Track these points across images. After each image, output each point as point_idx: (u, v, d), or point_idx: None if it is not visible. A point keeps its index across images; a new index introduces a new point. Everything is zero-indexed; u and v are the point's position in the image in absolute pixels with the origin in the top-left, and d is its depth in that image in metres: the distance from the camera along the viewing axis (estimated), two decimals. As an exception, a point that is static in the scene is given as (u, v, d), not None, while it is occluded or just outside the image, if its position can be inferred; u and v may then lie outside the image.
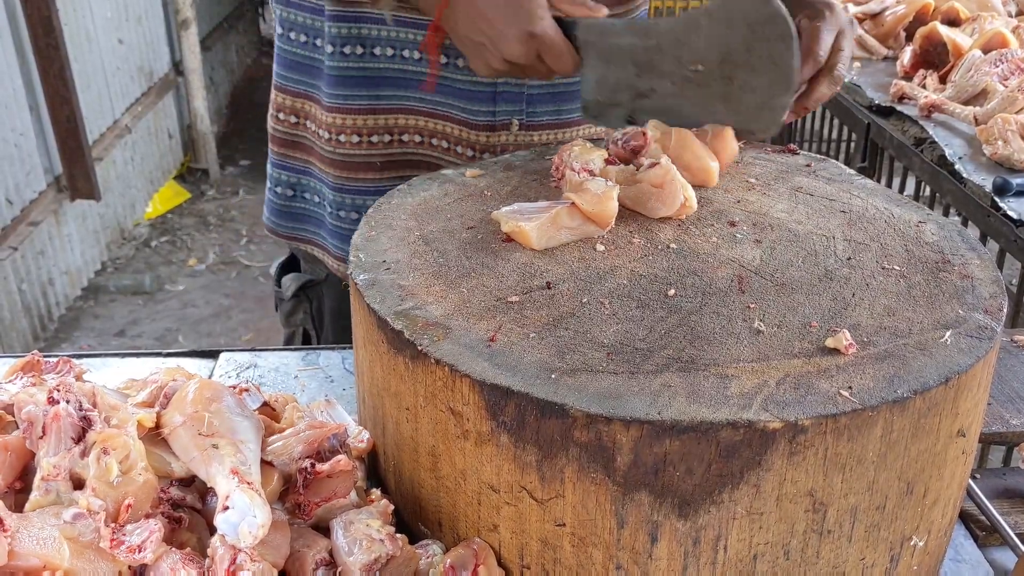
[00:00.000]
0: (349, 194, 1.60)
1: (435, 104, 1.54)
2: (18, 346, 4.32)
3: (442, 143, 1.56)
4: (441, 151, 1.56)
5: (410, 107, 1.54)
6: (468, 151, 1.55)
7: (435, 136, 1.56)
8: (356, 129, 1.56)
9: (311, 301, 1.75)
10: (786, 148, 1.41)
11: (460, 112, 1.53)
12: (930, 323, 0.97)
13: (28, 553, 0.85)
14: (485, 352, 0.92)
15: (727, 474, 0.84)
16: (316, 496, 0.99)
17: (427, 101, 1.53)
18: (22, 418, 0.95)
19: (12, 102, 4.32)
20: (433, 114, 1.54)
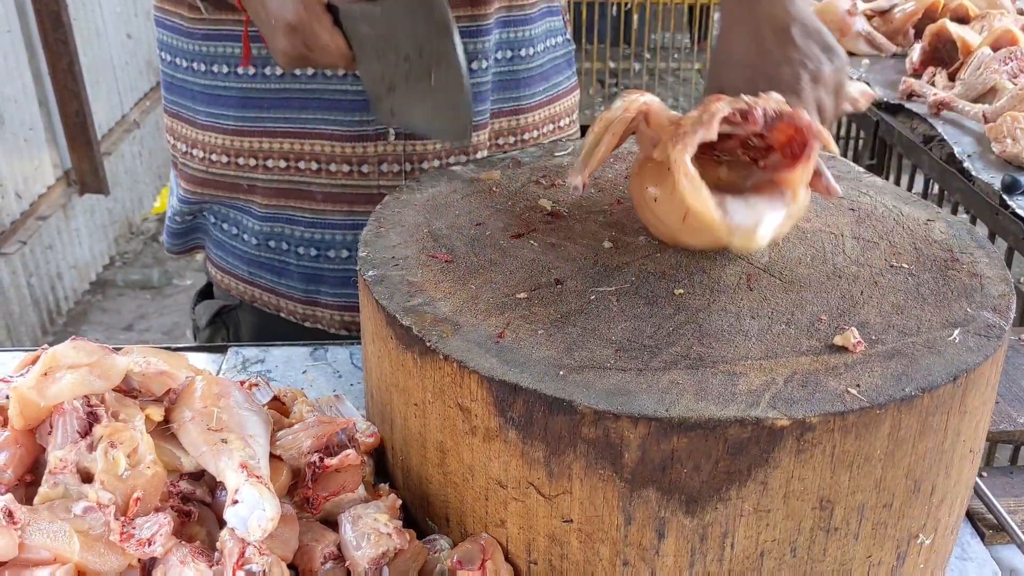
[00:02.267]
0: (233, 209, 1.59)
1: (301, 122, 1.46)
2: (27, 340, 4.34)
3: (311, 164, 1.48)
4: (311, 174, 1.49)
5: (272, 129, 1.47)
6: (343, 167, 1.47)
7: (302, 159, 1.48)
8: (225, 149, 1.51)
9: (228, 328, 1.70)
10: None
11: (327, 124, 1.46)
12: (938, 321, 0.97)
13: (38, 546, 0.85)
14: (493, 348, 0.92)
15: (734, 471, 0.84)
16: (324, 490, 1.00)
17: (291, 120, 1.46)
18: (33, 412, 0.96)
19: (21, 96, 4.34)
20: (298, 133, 1.47)
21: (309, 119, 1.46)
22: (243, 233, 1.59)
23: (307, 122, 1.46)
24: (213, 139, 1.52)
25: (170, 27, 1.53)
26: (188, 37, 1.49)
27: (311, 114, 1.46)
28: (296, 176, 1.50)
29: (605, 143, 1.11)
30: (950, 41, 2.96)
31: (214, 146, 1.52)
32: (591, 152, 1.12)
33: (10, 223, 4.28)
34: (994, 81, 2.69)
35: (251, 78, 1.46)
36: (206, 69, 1.48)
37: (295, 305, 1.59)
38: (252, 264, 1.59)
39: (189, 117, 1.55)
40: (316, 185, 1.50)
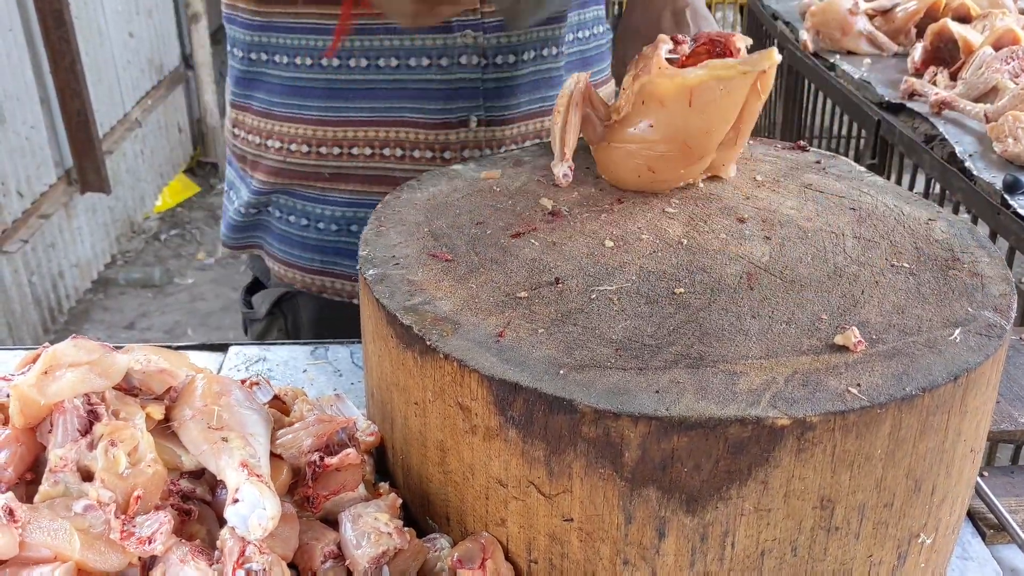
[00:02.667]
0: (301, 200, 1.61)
1: (385, 111, 1.51)
2: (28, 338, 4.35)
3: (395, 151, 1.53)
4: (395, 161, 1.54)
5: (357, 119, 1.53)
6: (427, 153, 1.53)
7: (387, 146, 1.53)
8: (306, 139, 1.55)
9: (286, 316, 1.73)
10: (795, 145, 1.41)
11: (413, 113, 1.51)
12: (939, 321, 0.97)
13: (39, 544, 0.85)
14: (494, 347, 0.92)
15: (735, 470, 0.84)
16: (325, 489, 1.00)
17: (377, 109, 1.51)
18: (33, 410, 0.96)
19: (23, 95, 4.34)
20: (383, 122, 1.52)
21: (394, 108, 1.51)
22: (317, 222, 1.62)
23: (392, 111, 1.51)
24: (293, 129, 1.56)
25: (241, 23, 1.56)
26: (265, 31, 1.53)
27: (396, 103, 1.51)
28: (380, 163, 1.55)
29: (572, 121, 1.21)
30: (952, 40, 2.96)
31: (294, 136, 1.56)
32: (562, 135, 1.22)
33: (12, 221, 4.29)
34: (996, 80, 2.69)
35: (336, 69, 1.50)
36: (287, 61, 1.52)
37: None
38: (328, 252, 1.63)
39: (263, 109, 1.59)
40: (399, 171, 1.55)
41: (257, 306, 1.75)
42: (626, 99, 1.19)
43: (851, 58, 3.37)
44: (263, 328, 1.75)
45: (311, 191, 1.60)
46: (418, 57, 1.48)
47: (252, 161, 1.64)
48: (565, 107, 1.21)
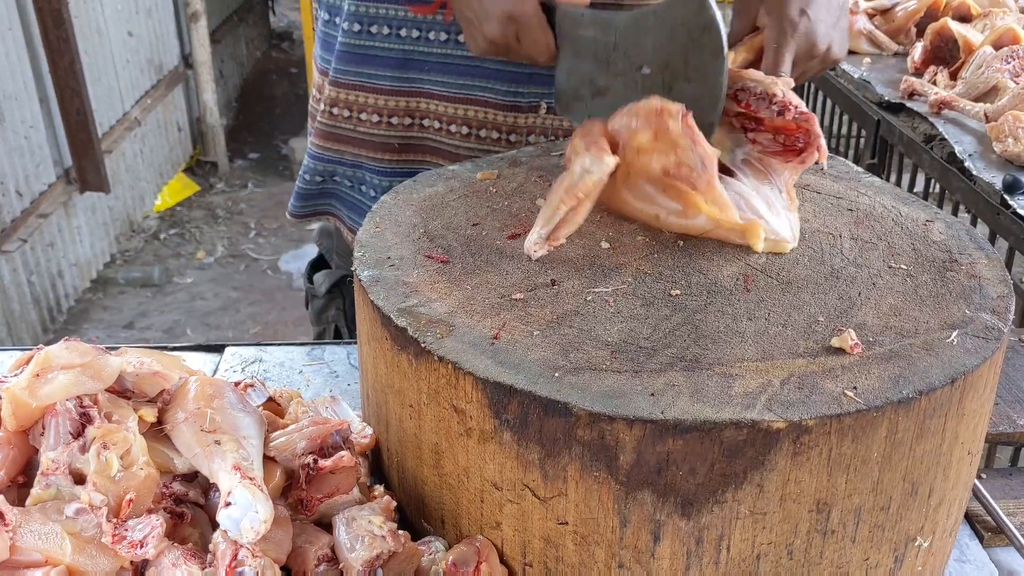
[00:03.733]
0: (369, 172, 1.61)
1: (459, 87, 1.52)
2: (27, 338, 4.34)
3: (461, 129, 1.54)
4: (460, 138, 1.54)
5: (430, 91, 1.53)
6: (493, 133, 1.53)
7: (454, 122, 1.54)
8: (377, 109, 1.55)
9: (344, 297, 1.75)
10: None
11: (485, 92, 1.51)
12: (936, 323, 0.97)
13: (30, 548, 0.85)
14: (489, 350, 0.91)
15: (730, 474, 0.84)
16: (319, 492, 0.99)
17: (450, 84, 1.52)
18: (26, 412, 0.95)
19: (22, 94, 4.34)
20: (455, 98, 1.52)
21: (468, 85, 1.51)
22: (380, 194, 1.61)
23: (466, 88, 1.52)
24: (363, 98, 1.56)
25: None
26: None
27: (471, 80, 1.51)
28: (446, 138, 1.55)
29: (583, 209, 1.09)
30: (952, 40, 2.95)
31: (363, 105, 1.56)
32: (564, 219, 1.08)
33: (11, 221, 4.29)
34: (996, 80, 2.68)
35: (414, 40, 1.50)
36: (361, 29, 1.52)
37: None
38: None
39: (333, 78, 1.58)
40: (464, 149, 1.55)
41: (318, 284, 1.76)
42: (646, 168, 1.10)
43: (851, 57, 3.36)
44: (322, 305, 1.76)
45: (380, 163, 1.60)
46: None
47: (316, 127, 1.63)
48: (587, 194, 1.08)
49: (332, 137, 1.62)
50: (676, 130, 1.06)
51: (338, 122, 1.60)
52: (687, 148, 1.06)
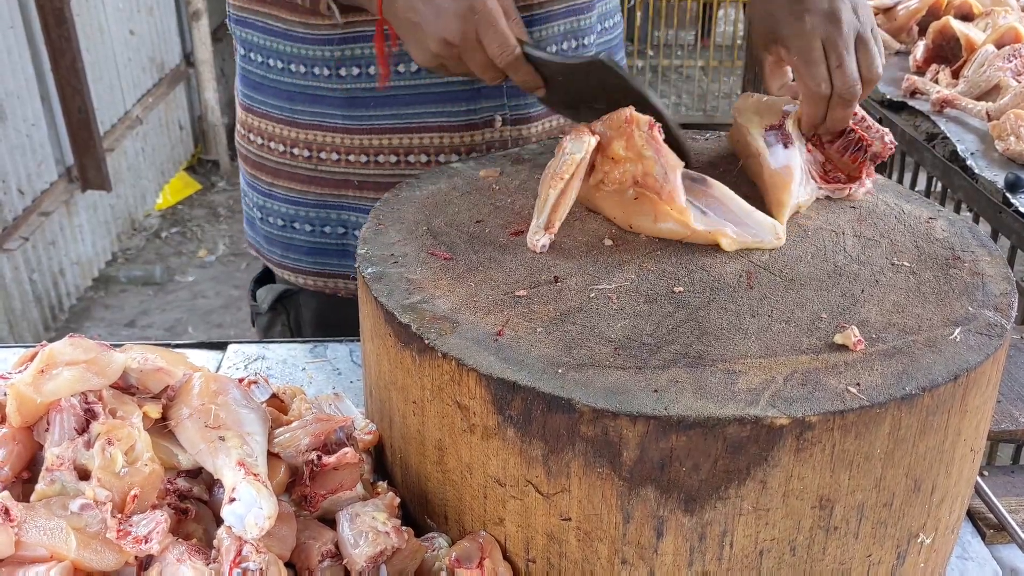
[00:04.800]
0: (327, 209, 1.58)
1: (408, 117, 1.48)
2: (29, 336, 4.35)
3: (420, 158, 1.50)
4: (420, 167, 1.50)
5: (382, 126, 1.49)
6: (452, 156, 1.50)
7: (411, 152, 1.50)
8: (335, 147, 1.52)
9: (288, 312, 1.71)
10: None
11: (436, 117, 1.48)
12: (939, 320, 0.97)
13: (35, 543, 0.85)
14: (492, 346, 0.91)
15: (733, 470, 0.84)
16: (322, 488, 0.99)
17: (400, 116, 1.48)
18: (30, 408, 0.96)
19: (24, 93, 4.34)
20: (407, 129, 1.49)
21: (418, 113, 1.48)
22: (353, 229, 1.58)
23: (415, 116, 1.49)
24: (320, 137, 1.53)
25: (261, 27, 1.52)
26: (284, 38, 1.49)
27: (420, 108, 1.48)
28: (407, 169, 1.52)
29: (572, 189, 1.11)
30: (954, 38, 2.94)
31: (322, 144, 1.53)
32: (556, 203, 1.10)
33: (12, 219, 4.29)
34: (998, 79, 2.68)
35: (355, 78, 1.47)
36: (306, 71, 1.49)
37: None
38: (347, 257, 1.60)
39: (286, 117, 1.55)
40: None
41: (261, 300, 1.74)
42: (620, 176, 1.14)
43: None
44: (267, 322, 1.73)
45: (343, 200, 1.56)
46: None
47: (273, 169, 1.60)
48: (571, 173, 1.10)
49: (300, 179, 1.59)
50: (640, 140, 1.11)
51: (297, 161, 1.57)
52: (651, 159, 1.10)
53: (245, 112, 1.61)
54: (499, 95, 1.49)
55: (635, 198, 1.12)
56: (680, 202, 1.09)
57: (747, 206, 1.12)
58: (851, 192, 1.21)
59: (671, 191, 1.09)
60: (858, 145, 1.19)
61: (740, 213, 1.11)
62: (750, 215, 1.11)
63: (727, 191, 1.13)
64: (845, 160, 1.21)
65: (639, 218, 1.12)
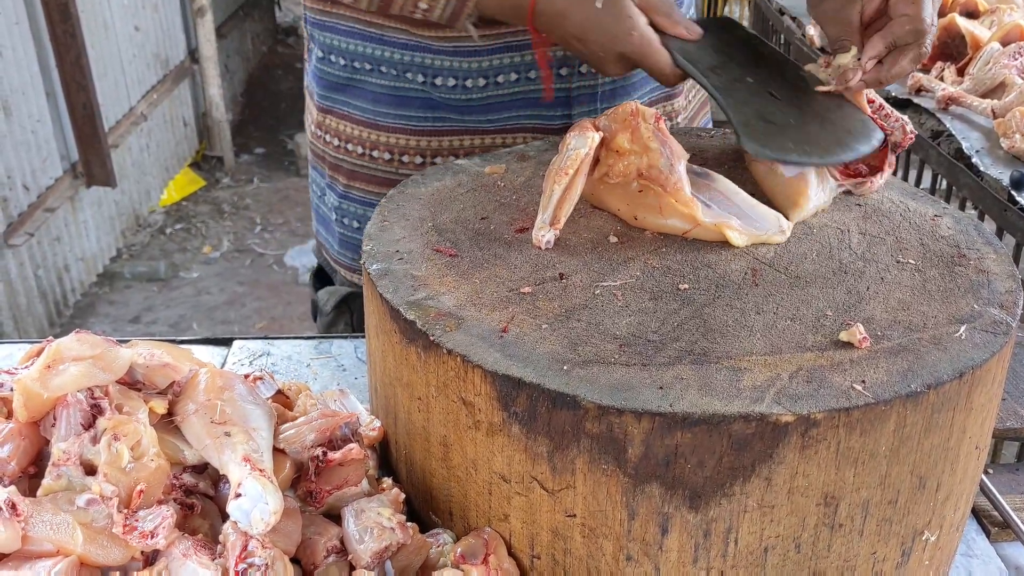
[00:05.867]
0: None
1: (505, 120, 1.50)
2: (34, 331, 4.36)
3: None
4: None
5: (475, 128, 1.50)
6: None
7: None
8: (419, 151, 1.53)
9: (352, 312, 1.72)
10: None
11: (532, 120, 1.50)
12: (945, 318, 0.97)
13: (41, 538, 0.85)
14: (497, 343, 0.92)
15: (738, 467, 0.84)
16: (328, 484, 1.00)
17: (495, 120, 1.49)
18: (37, 404, 0.96)
19: (29, 89, 4.34)
20: (503, 130, 1.50)
21: (514, 116, 1.50)
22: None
23: (511, 119, 1.50)
24: (404, 140, 1.53)
25: (345, 31, 1.51)
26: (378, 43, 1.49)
27: (516, 112, 1.49)
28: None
29: (576, 185, 1.11)
30: (959, 36, 2.94)
31: (404, 148, 1.53)
32: (561, 198, 1.11)
33: (17, 215, 4.30)
34: (1003, 76, 2.67)
35: (450, 89, 1.47)
36: (397, 75, 1.49)
37: None
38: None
39: (367, 119, 1.55)
40: None
41: (323, 301, 1.74)
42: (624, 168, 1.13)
43: (858, 53, 3.35)
44: (329, 321, 1.74)
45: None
46: (538, 70, 1.46)
47: (349, 171, 1.60)
48: (576, 169, 1.11)
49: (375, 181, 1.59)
50: (647, 132, 1.10)
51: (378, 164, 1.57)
52: (657, 150, 1.10)
53: (323, 114, 1.61)
54: (592, 100, 1.50)
55: (639, 191, 1.12)
56: (686, 193, 1.09)
57: (751, 199, 1.12)
58: (871, 184, 1.20)
59: (676, 182, 1.09)
60: None
61: (744, 206, 1.11)
62: (754, 208, 1.11)
63: (731, 185, 1.13)
64: None
65: (644, 211, 1.12)
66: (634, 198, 1.13)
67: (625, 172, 1.12)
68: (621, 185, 1.13)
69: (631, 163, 1.12)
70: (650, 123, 1.11)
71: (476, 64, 1.45)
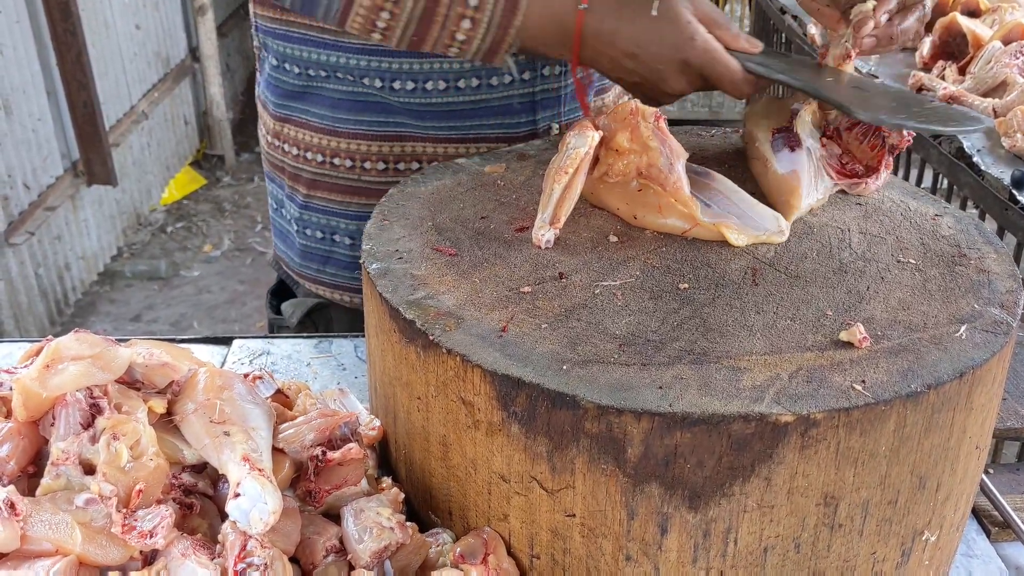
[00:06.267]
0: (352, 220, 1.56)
1: (467, 128, 1.47)
2: (34, 330, 4.36)
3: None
4: None
5: (437, 136, 1.47)
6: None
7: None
8: (382, 156, 1.50)
9: (317, 326, 1.69)
10: None
11: (495, 129, 1.48)
12: (945, 317, 0.97)
13: (40, 538, 0.85)
14: (497, 342, 0.91)
15: (738, 467, 0.84)
16: (327, 484, 0.99)
17: (457, 128, 1.47)
18: (36, 403, 0.96)
19: (30, 87, 4.34)
20: (463, 139, 1.48)
21: (477, 125, 1.47)
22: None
23: (473, 128, 1.48)
24: (365, 147, 1.50)
25: (299, 39, 1.48)
26: (334, 49, 1.45)
27: (478, 120, 1.47)
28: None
29: (576, 184, 1.11)
30: (960, 35, 2.94)
31: (366, 154, 1.51)
32: (561, 197, 1.10)
33: (18, 214, 4.29)
34: (1004, 75, 2.67)
35: (409, 92, 1.44)
36: (354, 80, 1.46)
37: None
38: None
39: (326, 126, 1.52)
40: None
41: (288, 315, 1.70)
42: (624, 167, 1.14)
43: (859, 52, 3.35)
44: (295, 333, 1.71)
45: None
46: (500, 75, 1.44)
47: (310, 180, 1.57)
48: (575, 168, 1.10)
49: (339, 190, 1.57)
50: (647, 131, 1.10)
51: (339, 172, 1.55)
52: (656, 149, 1.10)
53: (280, 123, 1.58)
54: (556, 104, 1.49)
55: (639, 190, 1.12)
56: (685, 193, 1.09)
57: (750, 199, 1.12)
58: (867, 186, 1.20)
59: (676, 181, 1.09)
60: (876, 134, 1.19)
61: (743, 206, 1.11)
62: (753, 208, 1.11)
63: (730, 184, 1.13)
64: (864, 148, 1.20)
65: (644, 210, 1.12)
66: (634, 197, 1.13)
67: (625, 171, 1.12)
68: (621, 184, 1.13)
69: (631, 162, 1.12)
70: (650, 122, 1.11)
71: (437, 65, 1.42)
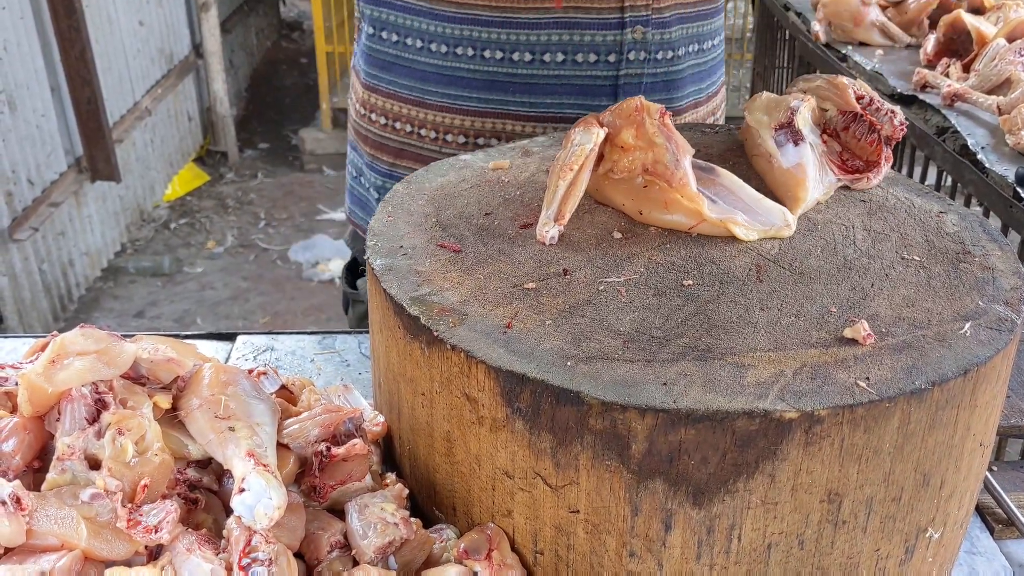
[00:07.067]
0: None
1: (547, 106, 1.49)
2: (38, 326, 4.37)
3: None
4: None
5: (517, 112, 1.50)
6: None
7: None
8: (463, 130, 1.53)
9: None
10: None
11: (575, 109, 1.49)
12: (949, 314, 0.97)
13: (46, 532, 0.85)
14: (501, 339, 0.92)
15: (742, 464, 0.84)
16: (331, 479, 1.00)
17: (537, 105, 1.49)
18: (41, 398, 0.96)
19: (34, 83, 4.35)
20: (545, 117, 1.50)
21: (556, 104, 1.50)
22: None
23: (554, 107, 1.50)
24: (449, 119, 1.53)
25: (400, 6, 1.52)
26: (429, 17, 1.49)
27: (559, 99, 1.49)
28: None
29: (581, 180, 1.12)
30: (965, 32, 2.93)
31: (449, 126, 1.53)
32: (566, 193, 1.11)
33: (22, 210, 4.30)
34: (1009, 72, 2.67)
35: (498, 62, 1.47)
36: (447, 51, 1.49)
37: None
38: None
39: (414, 97, 1.55)
40: None
41: (363, 290, 1.74)
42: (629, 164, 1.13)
43: (863, 49, 3.35)
44: (365, 310, 1.74)
45: None
46: (585, 53, 1.46)
47: (396, 149, 1.60)
48: (580, 164, 1.10)
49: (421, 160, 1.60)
50: (652, 128, 1.11)
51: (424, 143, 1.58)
52: (662, 146, 1.10)
53: (368, 92, 1.62)
54: (638, 91, 1.50)
55: (644, 186, 1.12)
56: (691, 189, 1.09)
57: (756, 194, 1.12)
58: (869, 180, 1.21)
59: (682, 178, 1.09)
60: (871, 129, 1.19)
61: (749, 201, 1.11)
62: (759, 203, 1.11)
63: (736, 179, 1.13)
64: (862, 144, 1.20)
65: (649, 206, 1.12)
66: (639, 194, 1.13)
67: (630, 168, 1.12)
68: (626, 181, 1.13)
69: (636, 158, 1.12)
70: (655, 118, 1.11)
71: (524, 36, 1.45)
